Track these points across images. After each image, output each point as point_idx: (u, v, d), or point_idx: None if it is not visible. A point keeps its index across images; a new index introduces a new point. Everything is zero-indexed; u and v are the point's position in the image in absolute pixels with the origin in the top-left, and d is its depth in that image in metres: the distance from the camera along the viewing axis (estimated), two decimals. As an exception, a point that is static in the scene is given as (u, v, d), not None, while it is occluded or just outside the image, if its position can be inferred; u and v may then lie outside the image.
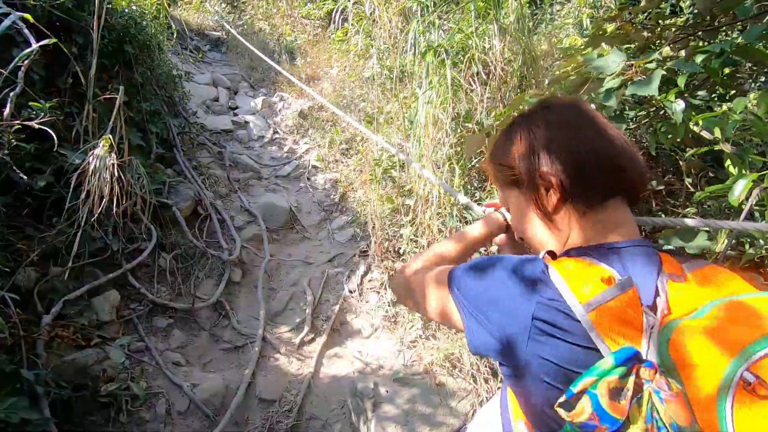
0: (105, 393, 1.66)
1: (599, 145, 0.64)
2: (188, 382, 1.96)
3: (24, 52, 1.99)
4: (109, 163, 2.08)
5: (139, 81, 3.18)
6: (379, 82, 4.34)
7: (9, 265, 1.80)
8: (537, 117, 0.70)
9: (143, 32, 3.28)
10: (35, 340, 1.64)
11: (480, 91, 2.32)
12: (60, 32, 2.52)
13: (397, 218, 3.06)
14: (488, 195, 2.56)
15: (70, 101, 2.53)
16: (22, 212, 2.10)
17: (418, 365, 2.24)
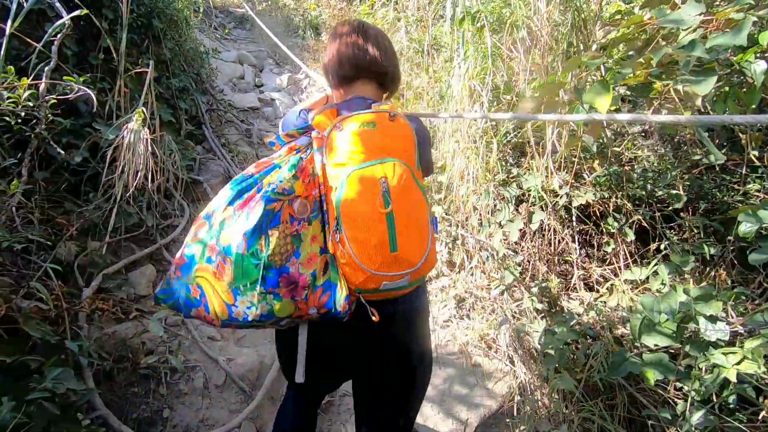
0: (145, 365, 1.68)
1: (352, 52, 1.03)
2: (224, 356, 1.97)
3: (56, 25, 1.97)
4: (142, 136, 2.07)
5: (167, 57, 3.15)
6: (408, 56, 4.19)
7: (50, 239, 1.83)
8: (335, 33, 1.08)
9: (171, 7, 3.23)
10: (77, 313, 1.66)
11: (523, 58, 2.18)
12: (90, 7, 2.50)
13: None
14: (526, 170, 2.44)
15: (102, 77, 2.52)
16: (60, 187, 2.12)
17: (453, 345, 2.19)
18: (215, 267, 0.84)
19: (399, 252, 0.83)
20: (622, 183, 2.27)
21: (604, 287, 2.08)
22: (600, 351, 1.70)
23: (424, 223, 0.88)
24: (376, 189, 0.84)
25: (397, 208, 0.83)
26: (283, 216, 0.85)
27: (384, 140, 0.89)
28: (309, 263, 0.86)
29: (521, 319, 2.13)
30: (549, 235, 2.33)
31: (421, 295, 1.03)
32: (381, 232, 0.83)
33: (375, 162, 0.86)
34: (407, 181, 0.86)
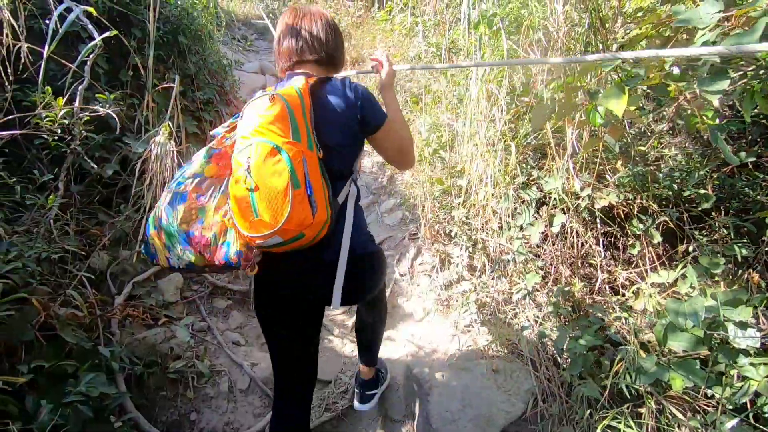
0: (173, 370, 1.75)
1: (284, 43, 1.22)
2: (248, 361, 2.02)
3: (89, 46, 2.08)
4: (169, 149, 2.15)
5: (192, 71, 3.27)
6: (426, 60, 4.20)
7: (85, 249, 1.93)
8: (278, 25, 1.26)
9: (195, 22, 3.36)
10: (110, 319, 1.75)
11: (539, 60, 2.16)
12: (120, 27, 2.63)
13: (447, 200, 2.97)
14: (546, 173, 2.41)
15: (131, 93, 2.65)
16: (94, 199, 2.24)
17: (474, 350, 2.17)
18: (156, 232, 1.13)
19: (260, 216, 1.00)
20: (648, 183, 2.21)
21: (630, 291, 2.02)
22: (626, 357, 1.66)
23: (282, 191, 0.99)
24: (242, 167, 1.02)
25: (256, 182, 1.00)
26: (189, 195, 1.11)
27: (256, 121, 1.04)
28: (210, 228, 1.09)
29: (544, 324, 2.10)
30: (572, 238, 2.29)
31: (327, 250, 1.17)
32: (245, 203, 1.02)
33: (246, 145, 1.04)
34: (268, 155, 1.00)
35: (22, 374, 1.15)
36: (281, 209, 0.99)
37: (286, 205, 0.98)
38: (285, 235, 1.01)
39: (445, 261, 2.77)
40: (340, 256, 1.17)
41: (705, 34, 1.03)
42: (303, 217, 1.01)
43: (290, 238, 1.03)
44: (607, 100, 1.24)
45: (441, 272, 2.73)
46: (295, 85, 1.08)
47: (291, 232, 1.01)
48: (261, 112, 1.04)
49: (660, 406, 1.58)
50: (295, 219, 1.00)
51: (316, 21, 1.22)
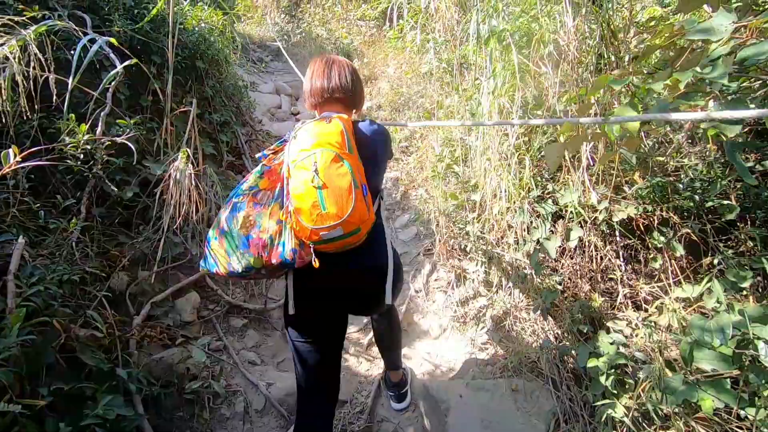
0: (189, 390, 1.75)
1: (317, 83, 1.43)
2: (264, 381, 2.02)
3: (110, 74, 2.16)
4: (186, 173, 2.20)
5: (209, 94, 3.36)
6: (438, 76, 4.23)
7: (105, 270, 1.97)
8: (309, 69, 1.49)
9: (212, 47, 3.46)
10: (128, 340, 1.77)
11: (551, 74, 2.15)
12: (140, 54, 2.73)
13: (462, 215, 2.95)
14: (561, 186, 2.37)
15: (151, 117, 2.73)
16: (114, 221, 2.29)
17: (492, 369, 2.12)
18: (217, 242, 1.29)
19: (327, 210, 1.17)
20: (667, 195, 2.16)
21: (653, 306, 1.96)
22: (651, 375, 1.60)
23: (347, 188, 1.19)
24: (308, 171, 1.20)
25: (324, 182, 1.18)
26: (247, 204, 1.30)
27: (317, 137, 1.24)
28: (266, 231, 1.26)
29: (564, 341, 2.04)
30: (590, 251, 2.24)
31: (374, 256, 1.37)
32: (313, 199, 1.18)
33: (308, 154, 1.22)
34: (332, 161, 1.21)
35: (43, 397, 1.17)
36: (346, 204, 1.18)
37: (350, 201, 1.18)
38: (346, 228, 1.19)
39: (461, 277, 2.74)
40: (389, 259, 1.39)
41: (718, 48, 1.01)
42: (362, 212, 1.21)
43: (349, 231, 1.20)
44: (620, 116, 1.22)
45: (457, 288, 2.70)
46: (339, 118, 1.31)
47: (351, 225, 1.19)
48: (319, 131, 1.26)
49: (690, 429, 1.51)
50: (356, 213, 1.19)
51: (344, 68, 1.46)
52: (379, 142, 1.43)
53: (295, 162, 1.23)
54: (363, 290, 1.41)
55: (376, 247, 1.38)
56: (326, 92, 1.42)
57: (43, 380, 1.23)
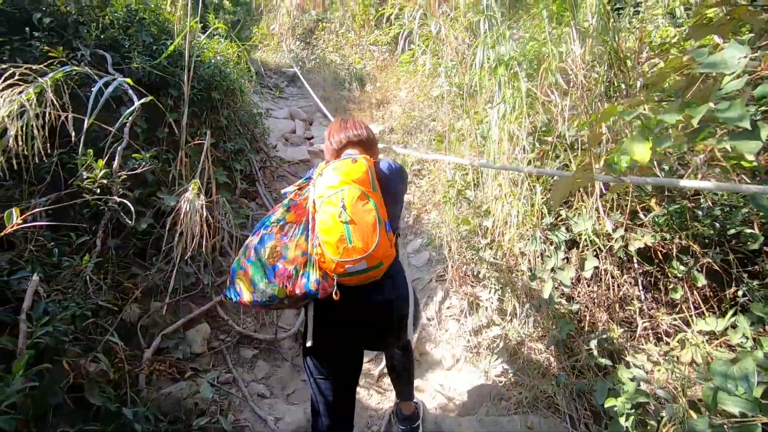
0: (197, 427, 1.74)
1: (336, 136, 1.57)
2: (272, 415, 1.99)
3: (128, 111, 2.23)
4: (197, 205, 2.24)
5: (224, 123, 3.44)
6: (449, 99, 4.26)
7: (117, 304, 1.99)
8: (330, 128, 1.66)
9: (227, 78, 3.56)
10: (137, 375, 1.77)
11: (559, 101, 2.13)
12: (158, 88, 2.83)
13: (474, 240, 2.92)
14: (575, 213, 2.32)
15: (167, 149, 2.80)
16: (129, 252, 2.33)
17: (507, 404, 2.05)
18: (243, 272, 1.36)
19: (354, 244, 1.26)
20: (686, 221, 2.08)
21: (675, 339, 1.87)
22: (674, 417, 1.51)
23: (372, 224, 1.28)
24: (336, 207, 1.29)
25: (351, 217, 1.27)
26: (275, 236, 1.37)
27: (344, 176, 1.33)
28: (292, 262, 1.32)
29: (581, 375, 1.96)
30: (607, 279, 2.17)
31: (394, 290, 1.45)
32: (340, 233, 1.26)
33: (336, 191, 1.31)
34: (358, 198, 1.30)
35: (48, 440, 1.17)
36: (371, 239, 1.27)
37: (375, 236, 1.27)
38: (370, 262, 1.28)
39: (474, 304, 2.69)
40: (409, 292, 1.49)
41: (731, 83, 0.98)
42: (386, 248, 1.30)
43: (373, 265, 1.29)
44: (629, 148, 1.19)
45: (470, 316, 2.64)
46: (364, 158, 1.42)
47: (375, 259, 1.28)
48: (346, 169, 1.35)
49: (718, 477, 1.41)
50: (380, 248, 1.28)
51: (358, 122, 1.63)
52: (397, 180, 1.53)
53: (321, 197, 1.33)
54: (383, 323, 1.47)
55: (397, 281, 1.46)
56: (345, 138, 1.56)
57: (50, 422, 1.23)
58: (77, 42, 2.66)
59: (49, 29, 2.55)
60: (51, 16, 2.58)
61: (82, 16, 2.75)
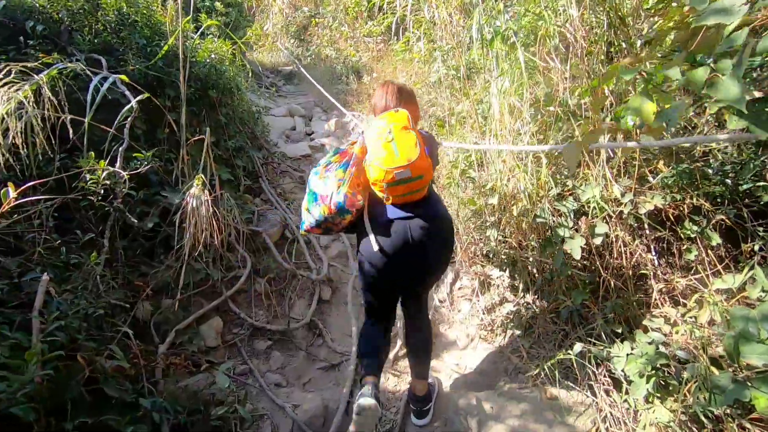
0: (215, 416, 1.74)
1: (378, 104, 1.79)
2: (290, 403, 1.99)
3: (124, 110, 2.23)
4: (203, 200, 2.24)
5: (223, 121, 3.44)
6: (447, 83, 4.22)
7: (129, 301, 2.00)
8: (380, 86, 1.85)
9: (223, 77, 3.56)
10: (153, 369, 1.78)
11: (560, 66, 2.09)
12: (155, 89, 2.83)
13: (481, 220, 2.89)
14: (582, 182, 2.28)
15: (168, 149, 2.81)
16: (137, 252, 2.34)
17: (524, 377, 2.03)
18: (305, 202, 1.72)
19: (399, 155, 1.52)
20: (697, 181, 2.04)
21: (692, 300, 1.84)
22: (695, 375, 1.49)
23: (414, 143, 1.54)
24: (384, 131, 1.58)
25: (396, 138, 1.55)
26: (321, 172, 1.70)
27: (389, 118, 1.62)
28: (330, 188, 1.64)
29: (598, 344, 1.94)
30: (618, 247, 2.13)
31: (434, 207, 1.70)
32: (389, 150, 1.54)
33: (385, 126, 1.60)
34: (402, 128, 1.58)
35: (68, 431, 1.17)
36: (413, 152, 1.52)
37: (416, 151, 1.52)
38: (414, 171, 1.52)
39: (485, 283, 2.66)
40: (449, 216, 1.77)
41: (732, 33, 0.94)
42: (426, 163, 1.55)
43: (416, 175, 1.53)
44: (634, 107, 1.16)
45: (482, 296, 2.62)
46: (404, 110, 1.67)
47: (418, 169, 1.52)
48: (391, 115, 1.62)
49: (745, 431, 1.39)
50: (421, 161, 1.52)
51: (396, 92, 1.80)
52: (430, 139, 1.83)
53: (372, 138, 1.60)
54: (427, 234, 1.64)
55: (439, 206, 1.74)
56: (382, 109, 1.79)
57: (69, 414, 1.24)
58: (71, 48, 2.67)
59: (42, 37, 2.57)
60: (44, 24, 2.59)
61: (75, 22, 2.76)
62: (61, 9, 2.69)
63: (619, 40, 1.89)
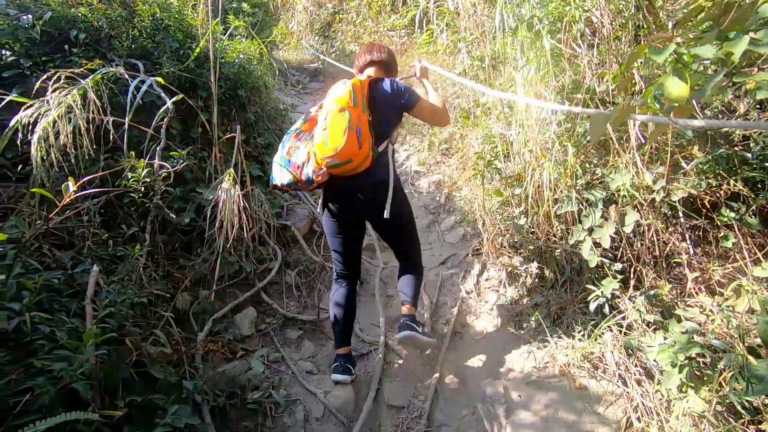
0: (252, 400, 1.83)
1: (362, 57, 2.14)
2: (321, 389, 2.06)
3: (160, 111, 2.35)
4: (234, 194, 2.33)
5: (252, 119, 3.55)
6: (472, 74, 4.18)
7: (169, 292, 2.12)
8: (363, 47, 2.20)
9: (251, 76, 3.67)
10: (193, 355, 1.89)
11: (587, 52, 2.05)
12: (188, 90, 2.95)
13: (508, 210, 2.87)
14: (611, 170, 2.24)
15: (201, 147, 2.93)
16: (175, 246, 2.47)
17: (552, 367, 2.02)
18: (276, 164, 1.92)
19: (329, 145, 1.73)
20: (735, 166, 1.97)
21: (729, 289, 1.78)
22: (732, 364, 1.45)
23: (342, 131, 1.72)
24: (323, 116, 1.79)
25: (329, 125, 1.74)
26: (292, 140, 1.91)
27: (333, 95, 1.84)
28: (300, 158, 1.85)
29: (629, 334, 1.91)
30: (651, 236, 2.08)
31: (375, 176, 1.89)
32: (322, 138, 1.76)
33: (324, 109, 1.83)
34: (337, 113, 1.76)
35: (120, 408, 1.27)
36: (339, 141, 1.72)
37: (342, 139, 1.72)
38: (340, 158, 1.74)
39: (512, 274, 2.65)
40: (389, 178, 1.91)
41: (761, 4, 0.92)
42: (352, 149, 1.74)
43: (344, 161, 1.75)
44: (665, 86, 1.14)
45: (509, 286, 2.62)
46: (361, 78, 1.89)
47: (344, 156, 1.73)
48: (335, 92, 1.84)
49: (785, 422, 1.35)
50: (348, 147, 1.72)
51: (383, 48, 2.14)
52: (395, 96, 1.94)
53: (321, 113, 1.84)
54: (367, 197, 1.92)
55: (378, 172, 1.90)
56: (366, 60, 2.09)
57: (120, 393, 1.34)
58: (111, 54, 2.81)
59: (85, 45, 2.72)
60: (86, 32, 2.74)
61: (113, 29, 2.91)
62: (101, 17, 2.84)
63: (648, 22, 1.83)
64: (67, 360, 1.19)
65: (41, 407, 1.11)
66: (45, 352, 1.25)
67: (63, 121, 1.74)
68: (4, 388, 1.09)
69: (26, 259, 1.54)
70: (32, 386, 1.13)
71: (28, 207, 1.86)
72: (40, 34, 2.56)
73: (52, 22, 2.67)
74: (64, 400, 1.18)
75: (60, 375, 1.17)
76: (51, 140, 1.76)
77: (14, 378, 1.12)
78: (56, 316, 1.41)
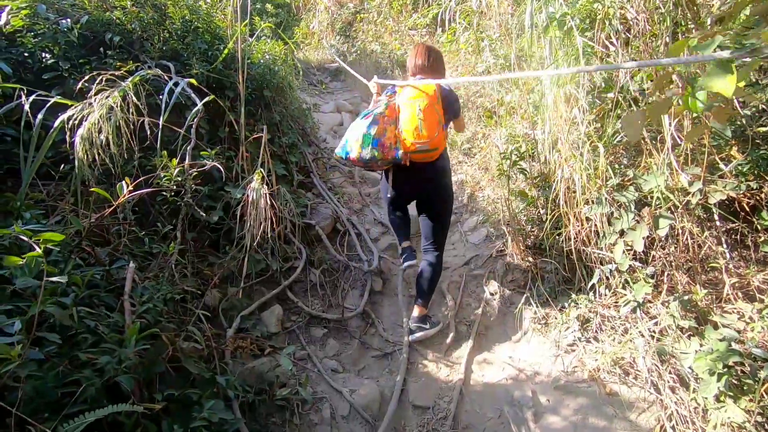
0: (280, 397, 1.86)
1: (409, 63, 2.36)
2: (347, 387, 2.08)
3: (192, 112, 2.40)
4: (262, 193, 2.37)
5: (277, 119, 3.59)
6: (495, 73, 4.14)
7: (200, 289, 2.17)
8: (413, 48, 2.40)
9: (276, 76, 3.71)
10: (223, 351, 1.93)
11: (621, 51, 2.01)
12: (216, 91, 3.01)
13: (533, 212, 2.83)
14: (643, 171, 2.19)
15: (228, 146, 2.98)
16: (204, 244, 2.52)
17: (581, 371, 1.99)
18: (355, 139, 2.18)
19: (422, 132, 2.10)
20: (776, 168, 1.90)
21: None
22: (775, 375, 1.40)
23: (437, 123, 2.12)
24: (414, 108, 2.12)
25: (425, 117, 2.10)
26: (380, 121, 2.16)
27: (419, 91, 2.13)
28: (389, 139, 2.15)
29: (662, 339, 1.86)
30: (685, 239, 2.03)
31: (441, 163, 2.30)
32: (416, 126, 2.10)
33: (414, 100, 2.13)
34: (429, 105, 2.11)
35: (158, 401, 1.31)
36: (434, 131, 2.11)
37: (436, 130, 2.11)
38: (430, 145, 2.12)
39: (538, 276, 2.62)
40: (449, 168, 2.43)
41: None
42: (441, 139, 2.18)
43: (433, 147, 2.13)
44: (711, 81, 1.10)
45: (534, 288, 2.58)
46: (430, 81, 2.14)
47: (433, 143, 2.12)
48: (421, 87, 2.13)
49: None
50: (438, 139, 2.13)
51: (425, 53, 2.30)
52: (452, 98, 2.30)
53: (405, 104, 2.14)
54: (433, 180, 2.31)
55: (443, 161, 2.32)
56: (412, 67, 2.31)
57: (158, 387, 1.38)
58: (143, 56, 2.89)
59: (119, 47, 2.80)
60: (120, 35, 2.82)
61: (145, 32, 2.99)
62: (133, 20, 2.92)
63: (687, 19, 1.78)
64: (111, 353, 1.24)
65: (86, 399, 1.16)
66: (88, 346, 1.30)
67: (105, 122, 1.80)
68: (53, 380, 1.13)
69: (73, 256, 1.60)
70: (78, 378, 1.17)
71: (69, 205, 1.92)
72: (77, 38, 2.64)
73: (88, 25, 2.76)
74: (106, 393, 1.22)
75: (104, 368, 1.21)
76: (94, 140, 1.82)
77: (62, 370, 1.17)
78: (97, 311, 1.46)
